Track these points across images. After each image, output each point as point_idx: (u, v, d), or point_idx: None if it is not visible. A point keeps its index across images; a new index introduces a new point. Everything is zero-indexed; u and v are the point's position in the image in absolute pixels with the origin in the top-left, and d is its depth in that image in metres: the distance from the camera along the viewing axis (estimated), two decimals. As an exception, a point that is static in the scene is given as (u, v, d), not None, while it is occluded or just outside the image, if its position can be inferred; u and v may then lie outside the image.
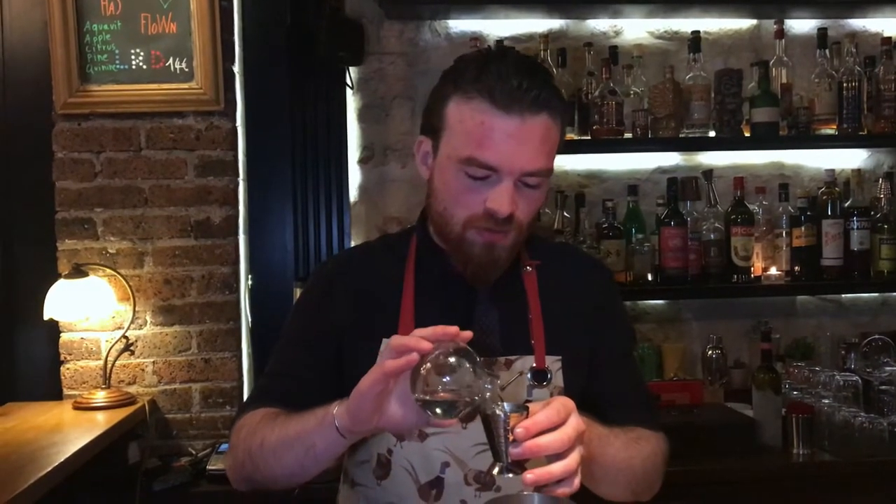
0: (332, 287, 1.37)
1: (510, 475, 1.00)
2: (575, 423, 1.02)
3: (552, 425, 1.00)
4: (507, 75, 1.17)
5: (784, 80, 2.79)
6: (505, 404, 1.00)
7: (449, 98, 1.22)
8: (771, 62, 2.79)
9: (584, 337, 1.34)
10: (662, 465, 1.33)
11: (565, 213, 2.78)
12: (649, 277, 2.76)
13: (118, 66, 2.56)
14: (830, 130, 2.78)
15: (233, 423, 1.33)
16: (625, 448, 1.23)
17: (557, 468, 0.99)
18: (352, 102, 2.89)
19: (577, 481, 1.01)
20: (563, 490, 1.00)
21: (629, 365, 1.43)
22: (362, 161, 2.91)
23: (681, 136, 2.75)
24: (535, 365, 1.27)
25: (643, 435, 1.29)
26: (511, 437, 0.98)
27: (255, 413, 1.28)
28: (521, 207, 1.21)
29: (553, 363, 1.29)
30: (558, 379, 1.29)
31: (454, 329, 1.03)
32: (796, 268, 2.79)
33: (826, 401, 2.48)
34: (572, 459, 1.00)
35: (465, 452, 1.24)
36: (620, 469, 1.22)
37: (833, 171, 2.82)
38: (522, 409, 1.01)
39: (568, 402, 1.04)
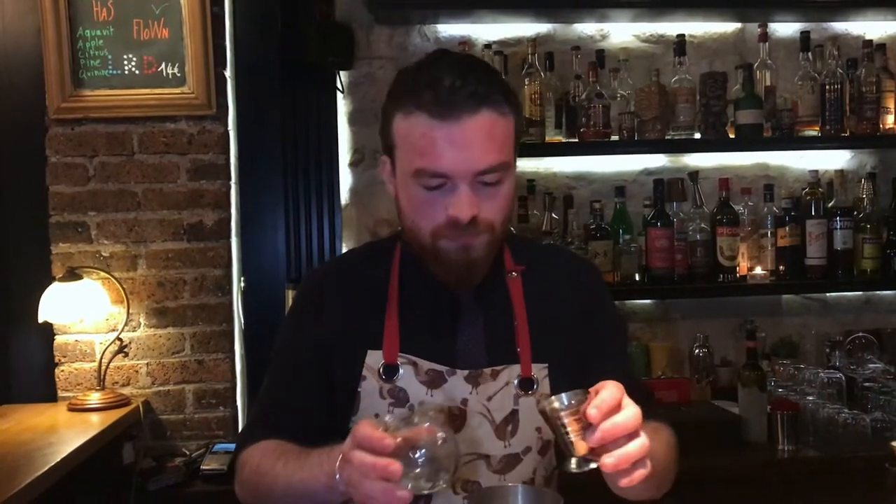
0: (317, 306, 1.36)
1: (590, 466, 0.97)
2: (631, 401, 1.01)
3: (617, 402, 0.98)
4: (439, 81, 1.16)
5: (768, 83, 2.83)
6: (563, 396, 0.99)
7: (393, 115, 1.23)
8: (755, 65, 2.83)
9: (572, 341, 1.32)
10: (676, 456, 1.31)
11: (553, 215, 2.82)
12: (637, 277, 2.79)
13: (111, 72, 2.59)
14: (814, 132, 2.82)
15: (235, 454, 1.36)
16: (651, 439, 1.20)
17: (634, 448, 0.97)
18: (342, 106, 2.92)
19: (649, 462, 1.00)
20: (641, 472, 0.99)
21: (623, 364, 1.42)
22: (353, 164, 2.94)
23: (667, 138, 2.79)
24: (521, 374, 1.27)
25: (657, 426, 1.27)
26: (578, 427, 0.97)
27: (255, 448, 1.30)
28: (486, 207, 1.20)
29: (539, 371, 1.29)
30: (544, 386, 1.29)
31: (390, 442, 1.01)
32: (781, 267, 2.82)
33: (811, 398, 2.52)
34: (644, 437, 0.99)
35: None
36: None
37: (817, 171, 2.87)
38: (582, 393, 0.99)
39: (616, 382, 1.02)
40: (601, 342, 1.36)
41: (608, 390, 0.99)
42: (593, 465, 0.98)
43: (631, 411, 0.99)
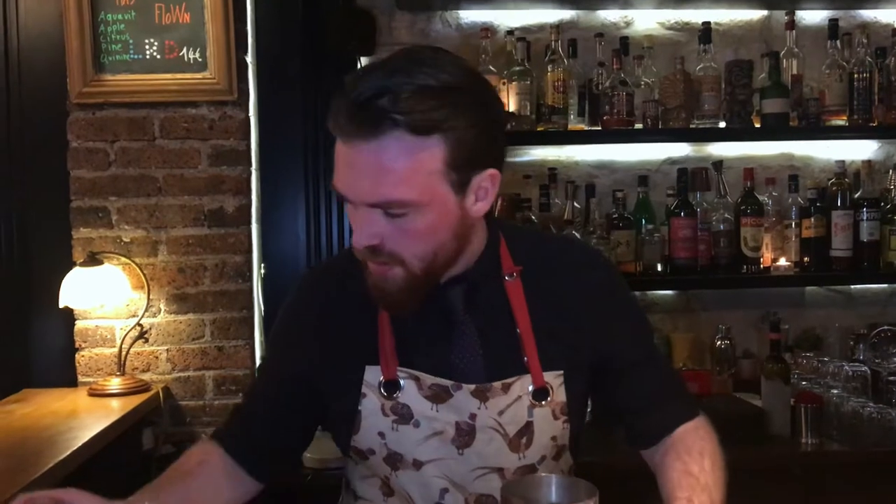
0: (304, 322, 1.29)
1: None
2: None
3: None
4: (354, 89, 1.03)
5: (795, 71, 2.78)
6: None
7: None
8: (782, 53, 2.78)
9: (586, 344, 1.23)
10: (721, 470, 1.23)
11: (575, 204, 2.79)
12: (659, 268, 2.76)
13: (132, 56, 2.58)
14: (841, 121, 2.77)
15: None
16: (716, 484, 1.18)
17: None
18: (363, 93, 2.89)
19: None
20: None
21: (653, 361, 1.32)
22: (373, 151, 2.92)
23: (691, 126, 2.75)
24: (533, 385, 1.19)
25: (700, 447, 1.22)
26: None
27: (191, 453, 1.31)
28: (392, 238, 1.07)
29: (554, 378, 1.20)
30: (560, 394, 1.21)
31: None
32: (805, 259, 2.79)
33: (835, 391, 2.50)
34: None
35: (464, 477, 1.19)
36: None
37: (843, 162, 2.82)
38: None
39: None
40: (624, 346, 1.27)
41: None
42: None
43: None
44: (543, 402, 1.19)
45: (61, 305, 2.47)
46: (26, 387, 2.58)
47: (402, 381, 1.18)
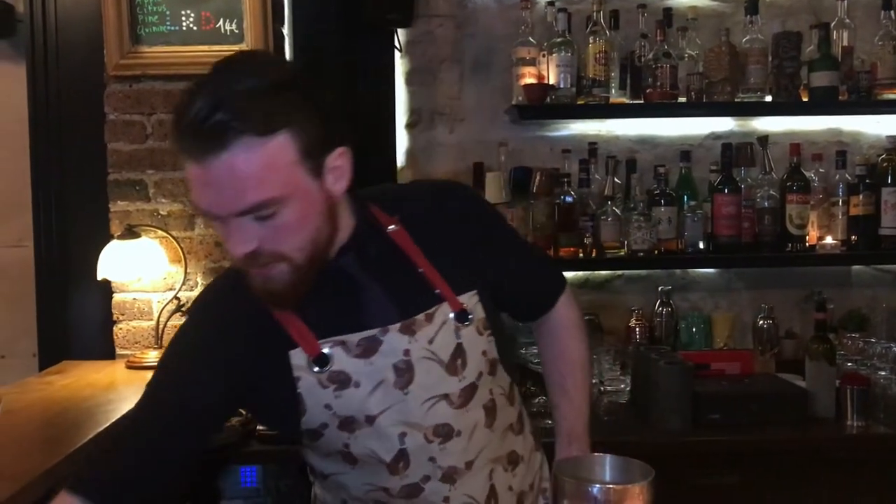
0: (206, 347, 1.24)
1: None
2: None
3: None
4: (188, 110, 1.04)
5: (845, 43, 2.70)
6: None
7: None
8: (832, 24, 2.70)
9: (480, 260, 1.32)
10: (586, 336, 1.52)
11: (616, 179, 2.74)
12: (701, 245, 2.71)
13: (169, 28, 2.56)
14: (893, 95, 2.69)
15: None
16: (585, 390, 1.47)
17: None
18: (400, 66, 2.86)
19: None
20: None
21: (525, 254, 1.50)
22: (409, 126, 2.89)
23: (736, 100, 2.69)
24: (452, 310, 1.25)
25: (572, 353, 1.48)
26: None
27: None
28: (268, 239, 1.10)
29: (469, 299, 1.28)
30: (479, 311, 1.28)
31: None
32: (853, 237, 2.72)
33: (882, 373, 2.43)
34: None
35: (415, 414, 1.23)
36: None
37: (895, 137, 2.74)
38: None
39: None
40: (505, 248, 1.41)
41: None
42: None
43: None
44: (467, 323, 1.26)
45: (99, 278, 2.48)
46: (65, 358, 2.60)
47: (328, 352, 1.21)
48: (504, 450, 1.34)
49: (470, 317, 1.26)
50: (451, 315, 1.25)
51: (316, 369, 1.20)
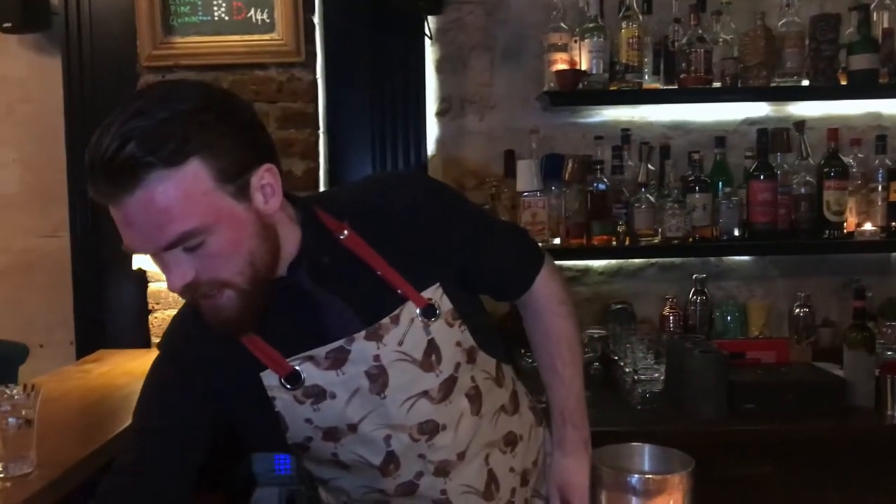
0: (177, 378, 1.25)
1: None
2: None
3: None
4: (97, 150, 1.00)
5: (886, 25, 2.63)
6: None
7: None
8: (872, 5, 2.64)
9: (440, 251, 1.26)
10: (570, 310, 1.43)
11: (650, 166, 2.70)
12: (736, 233, 2.67)
13: (201, 18, 2.57)
14: (935, 78, 2.62)
15: None
16: (575, 365, 1.40)
17: None
18: (430, 53, 2.85)
19: None
20: None
21: (495, 235, 1.39)
22: (440, 114, 2.88)
23: (772, 85, 2.64)
24: (417, 307, 1.22)
25: (557, 328, 1.41)
26: None
27: None
28: (203, 268, 1.08)
29: (433, 292, 1.24)
30: (445, 303, 1.24)
31: None
32: (892, 223, 2.66)
33: (923, 361, 2.39)
34: None
35: (397, 416, 1.23)
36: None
37: (936, 121, 2.68)
38: None
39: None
40: (468, 236, 1.31)
41: None
42: None
43: None
44: (434, 318, 1.23)
45: (134, 267, 2.50)
46: (101, 347, 2.64)
47: (298, 368, 1.20)
48: (498, 433, 1.33)
49: (437, 311, 1.23)
50: (418, 312, 1.22)
51: (288, 387, 1.20)
